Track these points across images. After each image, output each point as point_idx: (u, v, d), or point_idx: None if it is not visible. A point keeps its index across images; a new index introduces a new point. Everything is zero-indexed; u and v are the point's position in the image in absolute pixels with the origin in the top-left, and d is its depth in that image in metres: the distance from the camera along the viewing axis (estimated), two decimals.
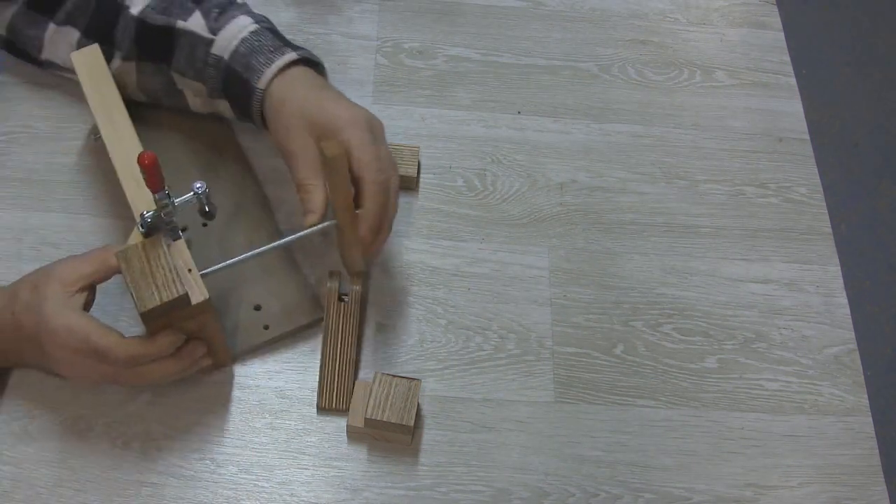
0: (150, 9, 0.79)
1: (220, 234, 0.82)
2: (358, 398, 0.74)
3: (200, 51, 0.78)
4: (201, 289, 0.67)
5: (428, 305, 0.81)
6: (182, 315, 0.67)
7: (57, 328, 0.66)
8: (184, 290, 0.65)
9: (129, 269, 0.66)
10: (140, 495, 0.70)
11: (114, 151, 0.74)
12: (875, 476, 0.76)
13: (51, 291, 0.67)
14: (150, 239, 0.67)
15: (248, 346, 0.77)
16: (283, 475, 0.72)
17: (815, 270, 0.87)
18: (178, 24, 0.79)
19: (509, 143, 0.93)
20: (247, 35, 0.77)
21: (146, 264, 0.66)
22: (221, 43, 0.77)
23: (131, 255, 0.66)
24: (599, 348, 0.81)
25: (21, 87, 0.90)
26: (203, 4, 0.80)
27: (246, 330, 0.77)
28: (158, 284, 0.65)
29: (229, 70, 0.77)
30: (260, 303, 0.78)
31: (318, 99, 0.74)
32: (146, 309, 0.64)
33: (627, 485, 0.74)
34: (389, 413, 0.72)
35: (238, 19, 0.78)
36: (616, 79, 0.99)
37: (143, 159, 0.63)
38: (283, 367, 0.77)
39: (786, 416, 0.79)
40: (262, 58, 0.76)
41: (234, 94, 0.78)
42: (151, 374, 0.69)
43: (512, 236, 0.86)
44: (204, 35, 0.78)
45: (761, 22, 1.06)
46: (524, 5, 1.04)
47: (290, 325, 0.78)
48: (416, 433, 0.74)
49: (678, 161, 0.93)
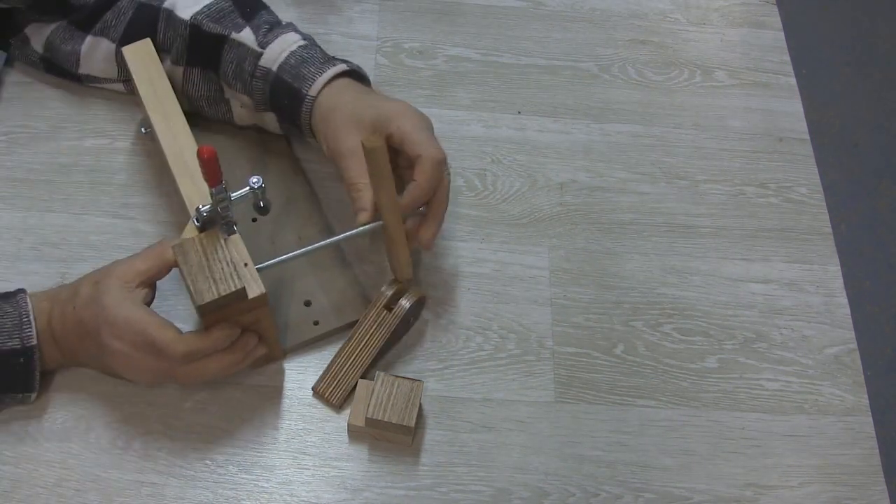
0: (203, 16, 0.80)
1: (270, 230, 0.82)
2: (360, 397, 0.74)
3: (249, 63, 0.79)
4: (258, 283, 0.68)
5: (428, 305, 0.81)
6: (238, 309, 0.68)
7: (116, 319, 0.66)
8: (241, 283, 0.66)
9: (186, 262, 0.66)
10: (140, 495, 0.70)
11: (167, 146, 0.75)
12: (875, 476, 0.76)
13: (111, 285, 0.68)
14: (207, 232, 0.68)
15: (298, 342, 0.77)
16: (283, 475, 0.72)
17: (815, 270, 0.87)
18: (232, 35, 0.80)
19: (509, 143, 0.93)
20: (296, 48, 0.79)
21: (203, 258, 0.67)
22: (270, 55, 0.79)
23: (188, 248, 0.67)
24: (599, 348, 0.81)
25: (21, 87, 0.90)
26: (253, 21, 0.81)
27: (296, 325, 0.78)
28: (216, 278, 0.66)
29: (278, 80, 0.78)
30: (310, 298, 0.79)
31: (366, 100, 0.76)
32: (204, 302, 0.65)
33: (627, 485, 0.74)
34: (391, 413, 0.72)
35: (287, 35, 0.80)
36: (616, 79, 0.99)
37: (203, 153, 0.63)
38: (283, 367, 0.77)
39: (786, 416, 0.79)
40: (313, 68, 0.77)
41: (282, 104, 0.79)
42: (207, 368, 0.69)
43: (512, 236, 0.86)
44: (254, 48, 0.79)
45: (761, 22, 1.06)
46: (524, 5, 1.04)
47: (339, 321, 0.78)
48: (416, 433, 0.74)
49: (678, 161, 0.93)
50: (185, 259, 0.67)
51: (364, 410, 0.72)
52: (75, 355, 0.71)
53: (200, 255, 0.67)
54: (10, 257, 0.80)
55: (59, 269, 0.79)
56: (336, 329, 0.78)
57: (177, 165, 0.74)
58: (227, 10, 0.81)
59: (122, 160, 0.86)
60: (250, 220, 0.82)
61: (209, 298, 0.65)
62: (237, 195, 0.70)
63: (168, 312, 0.73)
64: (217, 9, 0.81)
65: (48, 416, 0.73)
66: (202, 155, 0.63)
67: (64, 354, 0.72)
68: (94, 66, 0.86)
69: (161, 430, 0.73)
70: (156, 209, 0.83)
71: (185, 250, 0.67)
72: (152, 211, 0.83)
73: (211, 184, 0.66)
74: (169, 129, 0.76)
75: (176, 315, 0.75)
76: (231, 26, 0.80)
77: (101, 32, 0.84)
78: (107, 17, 0.83)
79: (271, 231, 0.82)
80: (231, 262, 0.67)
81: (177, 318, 0.68)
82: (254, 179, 0.70)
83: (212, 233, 0.68)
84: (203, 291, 0.65)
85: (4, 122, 0.87)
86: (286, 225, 0.83)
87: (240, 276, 0.66)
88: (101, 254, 0.80)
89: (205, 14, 0.81)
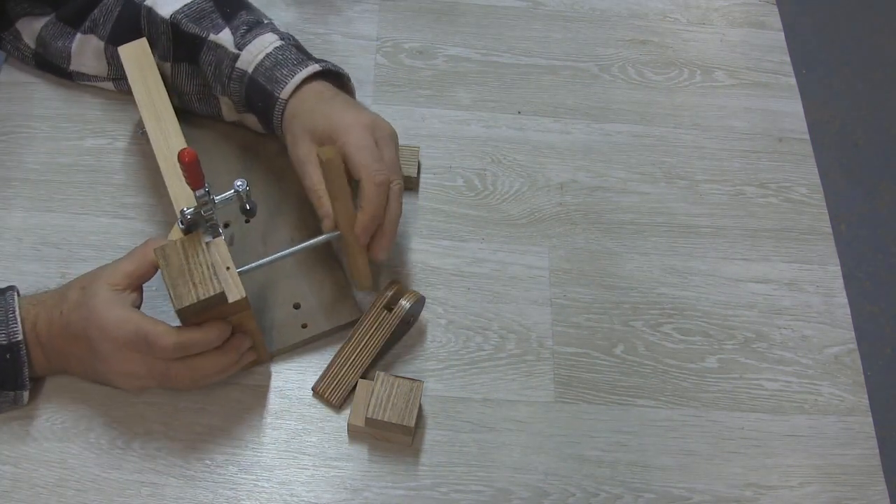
0: (182, 15, 0.80)
1: (263, 230, 0.82)
2: (360, 397, 0.74)
3: (226, 65, 0.79)
4: (238, 287, 0.68)
5: (428, 305, 0.81)
6: (219, 313, 0.67)
7: (106, 321, 0.66)
8: (220, 287, 0.65)
9: (167, 266, 0.66)
10: (140, 495, 0.70)
11: (158, 147, 0.75)
12: (875, 476, 0.76)
13: (99, 288, 0.67)
14: (189, 236, 0.68)
15: (285, 345, 0.77)
16: (283, 475, 0.72)
17: (815, 270, 0.87)
18: (211, 37, 0.80)
19: (509, 143, 0.93)
20: (271, 50, 0.79)
21: (184, 261, 0.66)
22: (247, 57, 0.79)
23: (170, 251, 0.67)
24: (599, 348, 0.81)
25: (21, 87, 0.90)
26: (232, 22, 0.81)
27: (284, 328, 0.78)
28: (196, 282, 0.65)
29: (252, 83, 0.78)
30: (299, 301, 0.79)
31: (324, 109, 0.75)
32: (183, 306, 0.64)
33: (627, 485, 0.74)
34: (390, 413, 0.71)
35: (264, 36, 0.80)
36: (616, 79, 0.99)
37: (184, 156, 0.63)
38: (283, 367, 0.77)
39: (786, 416, 0.79)
40: (286, 70, 0.77)
41: (257, 107, 0.79)
42: (202, 367, 0.69)
43: (512, 236, 0.86)
44: (231, 50, 0.79)
45: (761, 22, 1.06)
46: (524, 5, 1.04)
47: (328, 324, 0.78)
48: (416, 433, 0.74)
49: (678, 161, 0.93)
50: (167, 262, 0.66)
51: (364, 410, 0.72)
52: (63, 361, 0.71)
53: (182, 259, 0.66)
54: (10, 257, 0.80)
55: (59, 268, 0.79)
56: (325, 332, 0.78)
57: (167, 167, 0.74)
58: (207, 9, 0.81)
59: (122, 160, 0.86)
60: (243, 221, 0.82)
61: (188, 302, 0.64)
62: (221, 198, 0.69)
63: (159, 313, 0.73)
64: (197, 8, 0.81)
65: (48, 416, 0.73)
66: (183, 158, 0.63)
67: (50, 360, 0.71)
68: (84, 64, 0.86)
69: (161, 430, 0.73)
70: (155, 209, 0.83)
71: (166, 254, 0.66)
72: (152, 211, 0.83)
73: (193, 187, 0.66)
74: (161, 130, 0.76)
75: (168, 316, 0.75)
76: (210, 27, 0.80)
77: (90, 30, 0.84)
78: (95, 15, 0.83)
79: (263, 232, 0.82)
80: (211, 265, 0.66)
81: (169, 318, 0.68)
82: (238, 182, 0.70)
83: (194, 236, 0.68)
84: (182, 295, 0.64)
85: (4, 122, 0.87)
86: (280, 226, 0.82)
87: (220, 280, 0.65)
88: (101, 254, 0.80)
89: (184, 13, 0.80)
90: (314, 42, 0.97)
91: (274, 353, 0.77)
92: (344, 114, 0.74)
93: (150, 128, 0.76)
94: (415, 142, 0.91)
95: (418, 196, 0.88)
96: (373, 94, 0.94)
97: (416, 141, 0.91)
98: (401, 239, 0.85)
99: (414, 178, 0.87)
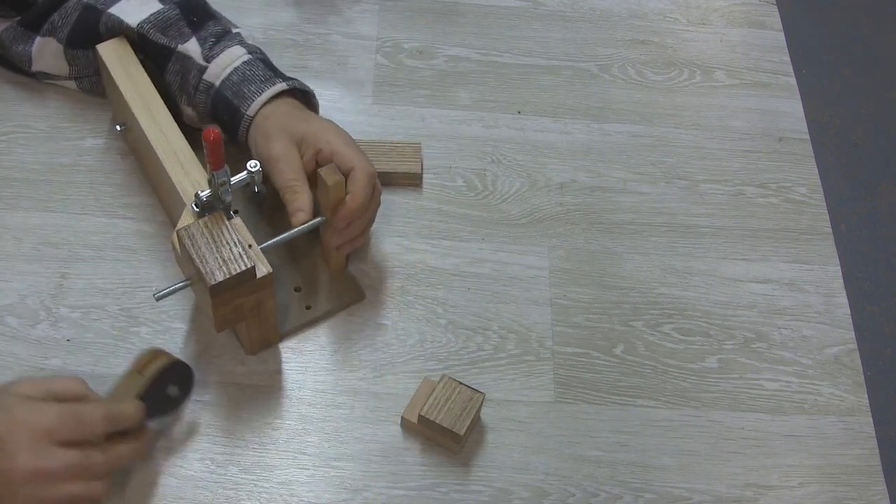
0: (149, 25, 0.80)
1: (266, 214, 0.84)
2: (419, 395, 0.74)
3: (194, 76, 0.80)
4: (265, 263, 0.69)
5: (428, 305, 0.81)
6: (247, 289, 0.68)
7: (27, 410, 0.62)
8: (252, 262, 0.67)
9: (194, 245, 0.67)
10: (140, 495, 0.70)
11: (155, 138, 0.76)
12: (875, 476, 0.76)
13: (20, 442, 0.61)
14: (212, 216, 0.69)
15: (292, 326, 0.78)
16: (283, 475, 0.72)
17: (815, 270, 0.87)
18: (178, 48, 0.80)
19: (509, 143, 0.93)
20: (239, 65, 0.79)
21: (210, 240, 0.67)
22: (214, 70, 0.79)
23: (195, 231, 0.68)
24: (599, 348, 0.81)
25: (21, 87, 0.90)
26: (200, 32, 0.81)
27: (289, 310, 0.79)
28: (225, 258, 0.66)
29: (219, 96, 0.79)
30: (300, 285, 0.80)
31: (300, 115, 0.78)
32: (216, 282, 0.65)
33: (627, 485, 0.74)
34: (444, 417, 0.72)
35: (232, 49, 0.80)
36: (616, 79, 0.99)
37: (209, 135, 0.64)
38: (283, 366, 0.77)
39: (786, 416, 0.79)
40: (254, 87, 0.78)
41: (222, 120, 0.80)
42: (124, 454, 0.66)
43: (512, 236, 0.86)
44: (199, 62, 0.80)
45: (761, 22, 1.06)
46: (524, 5, 1.04)
47: (329, 305, 0.79)
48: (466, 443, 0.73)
49: (678, 161, 0.93)
50: (194, 242, 0.67)
51: (419, 407, 0.72)
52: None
53: (208, 238, 0.68)
54: (10, 257, 0.80)
55: (59, 268, 0.79)
56: (328, 312, 0.79)
57: (167, 156, 0.75)
58: (173, 18, 0.81)
59: (122, 160, 0.86)
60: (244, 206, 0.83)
61: (221, 278, 0.65)
62: (236, 179, 0.71)
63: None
64: (164, 17, 0.81)
65: None
66: (207, 137, 0.64)
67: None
68: (45, 64, 0.86)
69: (161, 430, 0.73)
70: (155, 209, 0.83)
71: (192, 234, 0.68)
72: (152, 211, 0.83)
73: (214, 167, 0.67)
74: (155, 122, 0.77)
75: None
76: (177, 36, 0.81)
77: (48, 33, 0.83)
78: (54, 18, 0.83)
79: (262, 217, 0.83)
80: (239, 242, 0.67)
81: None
82: (251, 164, 0.72)
83: (217, 216, 0.69)
84: (215, 271, 0.66)
85: (4, 122, 0.87)
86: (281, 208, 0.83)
87: (249, 257, 0.67)
88: (101, 254, 0.80)
89: (150, 23, 0.80)
90: (314, 42, 0.97)
91: (283, 334, 0.78)
92: (321, 121, 0.78)
93: (143, 121, 0.77)
94: (415, 142, 0.91)
95: (422, 194, 0.88)
96: (373, 94, 0.95)
97: (416, 141, 0.91)
98: (401, 238, 0.85)
99: (418, 174, 0.87)
